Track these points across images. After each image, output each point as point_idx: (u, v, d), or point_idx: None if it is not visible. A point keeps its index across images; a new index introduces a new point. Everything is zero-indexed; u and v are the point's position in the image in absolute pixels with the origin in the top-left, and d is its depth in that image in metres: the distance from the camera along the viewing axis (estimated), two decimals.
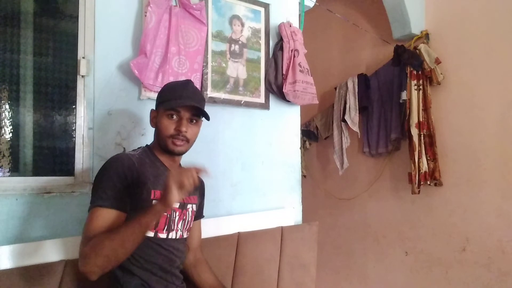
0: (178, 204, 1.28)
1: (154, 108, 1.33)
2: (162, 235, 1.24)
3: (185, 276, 1.41)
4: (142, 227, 1.06)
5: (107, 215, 1.12)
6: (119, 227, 1.08)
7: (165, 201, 1.04)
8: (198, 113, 1.29)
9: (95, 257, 1.02)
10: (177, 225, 1.29)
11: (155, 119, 1.30)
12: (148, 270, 1.20)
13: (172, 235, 1.27)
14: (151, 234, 1.21)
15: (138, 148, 1.35)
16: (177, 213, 1.28)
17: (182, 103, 1.24)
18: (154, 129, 1.32)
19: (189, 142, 1.28)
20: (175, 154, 1.30)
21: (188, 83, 1.31)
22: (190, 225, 1.37)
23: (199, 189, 1.46)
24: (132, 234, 1.05)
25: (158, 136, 1.28)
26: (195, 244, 1.48)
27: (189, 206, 1.34)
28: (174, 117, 1.25)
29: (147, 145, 1.36)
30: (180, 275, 1.33)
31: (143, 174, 1.21)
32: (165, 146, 1.26)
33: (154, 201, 1.20)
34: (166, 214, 1.23)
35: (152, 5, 1.61)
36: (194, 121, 1.29)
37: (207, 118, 1.31)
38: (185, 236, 1.34)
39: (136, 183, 1.18)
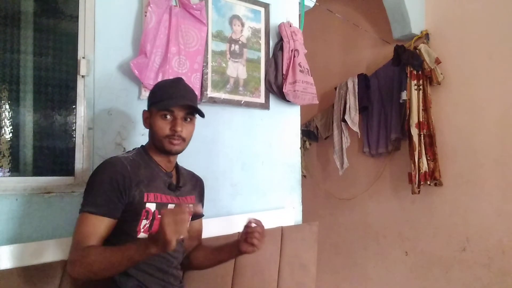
0: (174, 205, 1.27)
1: (146, 109, 1.32)
2: None
3: (191, 267, 1.43)
4: (132, 262, 1.05)
5: (96, 222, 1.12)
6: (111, 251, 1.06)
7: (161, 248, 0.97)
8: (192, 111, 1.28)
9: (83, 270, 1.05)
10: None
11: (148, 120, 1.29)
12: (144, 271, 1.20)
13: None
14: (145, 236, 1.20)
15: (133, 149, 1.34)
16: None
17: (175, 103, 1.23)
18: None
19: (185, 141, 1.27)
20: (172, 154, 1.29)
21: (179, 81, 1.30)
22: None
23: (198, 189, 1.45)
24: (122, 265, 1.05)
25: (154, 137, 1.27)
26: (195, 242, 1.48)
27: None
28: (168, 117, 1.24)
29: (142, 146, 1.35)
30: (179, 274, 1.32)
31: (136, 177, 1.20)
32: (162, 147, 1.26)
33: (147, 204, 1.19)
34: (160, 216, 1.22)
35: (152, 5, 1.60)
36: (189, 119, 1.28)
37: (202, 115, 1.30)
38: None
39: (128, 187, 1.17)
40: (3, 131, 1.46)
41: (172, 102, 1.23)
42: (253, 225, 1.28)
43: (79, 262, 1.05)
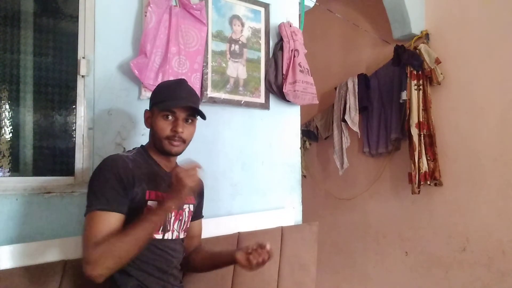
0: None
1: (148, 109, 1.32)
2: (158, 236, 1.23)
3: (189, 269, 1.43)
4: (154, 225, 1.10)
5: (109, 219, 1.11)
6: (129, 228, 1.09)
7: (177, 197, 1.12)
8: (194, 113, 1.28)
9: (107, 260, 1.04)
10: (173, 226, 1.28)
11: (149, 120, 1.29)
12: (144, 271, 1.20)
13: (168, 235, 1.26)
14: None
15: (133, 148, 1.34)
16: (173, 214, 1.27)
17: (177, 104, 1.23)
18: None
19: (185, 142, 1.28)
20: (172, 155, 1.29)
21: (182, 82, 1.30)
22: (186, 225, 1.36)
23: (197, 190, 1.45)
24: (144, 233, 1.09)
25: (154, 137, 1.28)
26: (195, 243, 1.48)
27: (185, 206, 1.33)
28: (170, 117, 1.24)
29: (142, 145, 1.35)
30: (179, 274, 1.33)
31: (137, 175, 1.20)
32: (162, 147, 1.26)
33: (149, 202, 1.20)
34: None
35: (152, 5, 1.61)
36: (190, 121, 1.28)
37: (203, 117, 1.30)
38: (181, 236, 1.33)
39: (131, 184, 1.17)
40: (3, 131, 1.46)
41: (174, 103, 1.23)
42: (268, 247, 1.24)
43: (105, 255, 1.04)
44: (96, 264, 1.04)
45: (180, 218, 1.31)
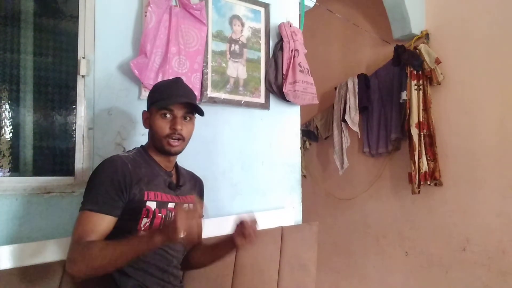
0: (174, 204, 1.27)
1: (146, 109, 1.32)
2: None
3: (190, 267, 1.43)
4: (136, 254, 1.05)
5: (97, 220, 1.11)
6: (112, 244, 1.05)
7: (168, 237, 0.99)
8: (192, 110, 1.29)
9: (83, 266, 1.04)
10: None
11: (148, 120, 1.29)
12: (144, 271, 1.20)
13: None
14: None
15: (133, 149, 1.34)
16: (173, 214, 1.27)
17: (175, 101, 1.23)
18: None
19: (185, 140, 1.28)
20: (172, 155, 1.29)
21: (178, 81, 1.31)
22: None
23: (197, 189, 1.45)
24: (125, 257, 1.04)
25: (153, 137, 1.28)
26: (195, 241, 1.47)
27: (185, 205, 1.33)
28: (168, 116, 1.24)
29: (142, 145, 1.35)
30: (179, 273, 1.33)
31: (137, 176, 1.20)
32: (161, 147, 1.26)
33: (147, 202, 1.19)
34: (161, 215, 1.22)
35: (152, 5, 1.61)
36: (188, 118, 1.28)
37: (201, 113, 1.30)
38: (181, 235, 1.33)
39: (129, 185, 1.17)
40: (3, 131, 1.46)
41: (172, 100, 1.23)
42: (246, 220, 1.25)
43: (81, 258, 1.04)
44: (72, 264, 1.05)
45: None
